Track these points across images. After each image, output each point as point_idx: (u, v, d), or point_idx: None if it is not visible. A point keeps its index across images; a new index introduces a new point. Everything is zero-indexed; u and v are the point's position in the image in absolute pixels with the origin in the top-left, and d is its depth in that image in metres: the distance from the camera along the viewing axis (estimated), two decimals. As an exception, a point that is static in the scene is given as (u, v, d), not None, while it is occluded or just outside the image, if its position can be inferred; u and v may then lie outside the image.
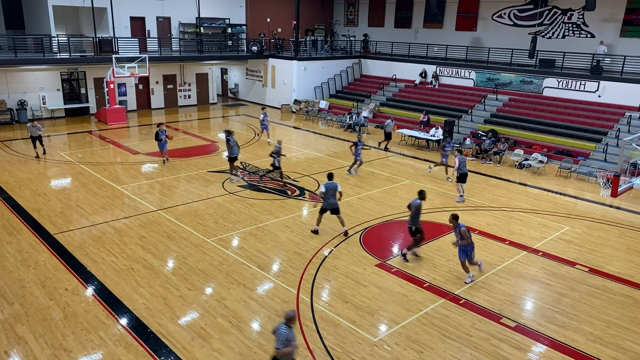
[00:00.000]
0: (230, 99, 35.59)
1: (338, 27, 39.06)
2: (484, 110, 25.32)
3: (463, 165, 15.51)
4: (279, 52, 32.04)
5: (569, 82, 23.71)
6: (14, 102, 25.00)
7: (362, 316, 9.48)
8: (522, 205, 15.68)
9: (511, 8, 28.86)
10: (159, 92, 30.30)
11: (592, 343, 8.92)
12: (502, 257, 12.10)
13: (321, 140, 23.92)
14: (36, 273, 10.68)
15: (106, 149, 21.11)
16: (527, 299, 10.36)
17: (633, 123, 20.83)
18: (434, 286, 10.62)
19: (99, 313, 9.31)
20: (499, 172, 19.19)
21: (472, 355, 8.46)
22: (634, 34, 24.53)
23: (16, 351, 8.22)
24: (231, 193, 15.90)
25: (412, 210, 11.49)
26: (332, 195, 12.68)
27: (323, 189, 12.66)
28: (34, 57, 24.53)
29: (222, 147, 21.68)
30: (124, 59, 25.19)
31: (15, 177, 16.79)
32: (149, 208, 14.48)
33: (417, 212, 11.49)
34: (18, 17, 28.06)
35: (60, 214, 13.86)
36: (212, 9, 31.90)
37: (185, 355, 8.24)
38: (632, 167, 18.49)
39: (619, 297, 10.48)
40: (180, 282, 10.50)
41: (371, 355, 8.37)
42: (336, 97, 31.58)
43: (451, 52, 29.39)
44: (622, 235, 13.75)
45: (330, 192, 12.64)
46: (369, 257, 11.89)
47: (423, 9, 33.04)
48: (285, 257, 11.78)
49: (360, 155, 18.07)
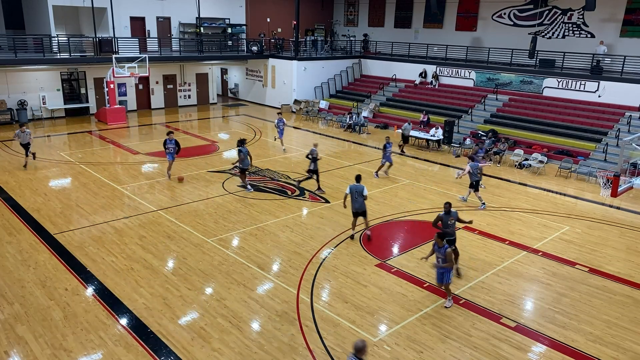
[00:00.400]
0: (230, 99, 35.59)
1: (338, 27, 39.06)
2: (484, 110, 25.32)
3: (475, 172, 15.00)
4: (279, 52, 32.04)
5: (569, 82, 23.71)
6: (14, 102, 24.99)
7: (362, 316, 9.48)
8: (522, 205, 15.67)
9: (511, 8, 28.86)
10: (159, 92, 30.30)
11: (592, 343, 8.92)
12: (502, 257, 12.10)
13: (321, 140, 23.91)
14: (36, 273, 10.68)
15: (106, 149, 21.11)
16: (527, 299, 10.36)
17: (633, 123, 20.82)
18: (434, 286, 10.62)
19: (99, 313, 9.31)
20: (499, 172, 19.19)
21: (472, 355, 8.46)
22: (634, 34, 24.52)
23: (16, 351, 8.22)
24: (231, 193, 15.90)
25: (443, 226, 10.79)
26: (356, 199, 12.34)
27: (347, 191, 12.46)
28: (34, 57, 24.53)
29: (222, 147, 21.70)
30: (124, 59, 25.19)
31: (15, 177, 16.79)
32: (149, 208, 14.48)
33: (446, 226, 10.82)
34: (18, 17, 28.07)
35: (60, 214, 13.86)
36: (212, 9, 31.90)
37: (185, 355, 8.24)
38: (632, 167, 18.48)
39: (619, 297, 10.48)
40: (180, 282, 10.50)
41: (371, 355, 8.37)
42: (336, 97, 31.58)
43: (451, 52, 29.39)
44: (622, 235, 13.75)
45: (353, 195, 12.35)
46: (369, 257, 11.89)
47: (423, 9, 33.04)
48: (285, 257, 11.78)
49: (390, 157, 17.81)
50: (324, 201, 15.47)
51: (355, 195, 12.38)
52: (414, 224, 14.08)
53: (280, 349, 8.47)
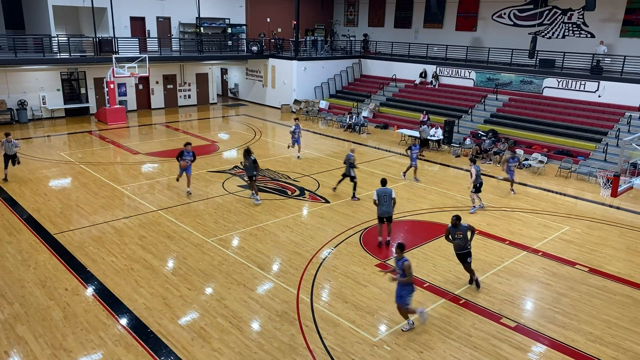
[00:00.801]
0: (230, 99, 35.59)
1: (338, 27, 39.06)
2: (484, 110, 25.31)
3: (479, 175, 14.73)
4: (279, 52, 32.04)
5: (569, 82, 23.71)
6: (14, 102, 24.99)
7: (362, 316, 9.48)
8: (522, 205, 15.67)
9: (511, 8, 28.86)
10: (159, 92, 30.29)
11: (592, 343, 8.92)
12: (502, 257, 12.10)
13: (321, 140, 23.93)
14: (36, 273, 10.68)
15: (106, 149, 21.11)
16: (527, 299, 10.36)
17: (633, 123, 20.82)
18: (434, 286, 10.62)
19: (99, 313, 9.31)
20: (499, 172, 19.18)
21: (472, 355, 8.46)
22: (634, 34, 24.52)
23: (16, 351, 8.22)
24: (231, 193, 15.90)
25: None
26: (385, 202, 12.01)
27: (375, 196, 12.12)
28: (34, 57, 24.53)
29: (222, 147, 21.71)
30: (124, 59, 25.19)
31: (15, 177, 16.78)
32: (149, 208, 14.48)
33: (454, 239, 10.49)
34: (18, 17, 28.07)
35: (60, 214, 13.86)
36: (212, 9, 31.90)
37: (185, 355, 8.24)
38: (632, 167, 18.48)
39: (619, 297, 10.48)
40: (180, 282, 10.49)
41: (371, 355, 8.37)
42: (336, 97, 31.58)
43: (451, 52, 29.38)
44: (622, 235, 13.75)
45: (382, 198, 11.99)
46: (369, 257, 11.89)
47: (423, 9, 33.04)
48: (285, 257, 11.78)
49: (416, 160, 17.49)
50: (324, 201, 15.47)
51: (383, 199, 12.01)
52: (414, 224, 14.08)
53: (280, 349, 8.47)
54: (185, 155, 15.11)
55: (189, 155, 15.15)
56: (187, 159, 15.12)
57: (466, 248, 10.28)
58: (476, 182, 14.70)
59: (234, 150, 21.33)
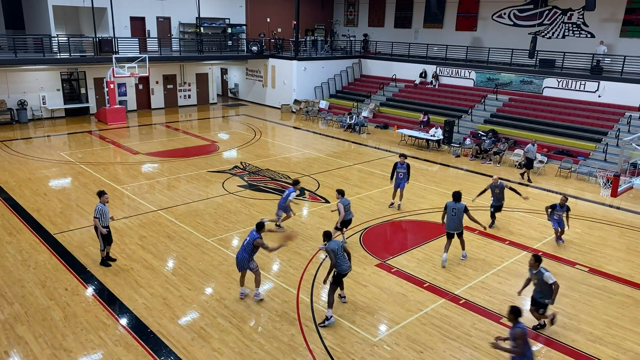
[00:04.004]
0: (230, 99, 35.59)
1: (338, 27, 39.06)
2: (484, 110, 25.31)
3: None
4: (279, 52, 32.04)
5: (569, 82, 23.71)
6: (14, 102, 24.98)
7: (362, 316, 9.48)
8: (522, 205, 15.67)
9: (511, 8, 28.86)
10: (159, 92, 30.29)
11: (592, 343, 8.92)
12: (502, 257, 12.10)
13: (321, 140, 23.93)
14: (36, 273, 10.68)
15: (106, 149, 21.11)
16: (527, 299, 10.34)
17: (633, 123, 20.82)
18: (434, 286, 10.62)
19: (99, 313, 9.31)
20: (499, 172, 19.15)
21: (472, 355, 8.46)
22: (634, 34, 24.52)
23: (16, 351, 8.22)
24: (231, 193, 15.90)
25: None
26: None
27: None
28: (34, 57, 24.52)
29: (222, 147, 21.70)
30: (124, 59, 25.18)
31: (15, 177, 16.79)
32: (149, 208, 14.47)
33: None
34: (18, 17, 28.05)
35: (60, 214, 13.86)
36: (212, 9, 31.89)
37: (185, 355, 8.24)
38: (632, 167, 18.49)
39: (619, 297, 10.48)
40: (180, 282, 10.49)
41: (371, 355, 8.37)
42: (336, 97, 31.57)
43: (451, 52, 29.39)
44: (622, 235, 13.75)
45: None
46: (369, 257, 11.89)
47: (423, 9, 33.04)
48: (285, 257, 11.77)
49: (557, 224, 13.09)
50: (324, 201, 15.47)
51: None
52: (414, 224, 14.08)
53: (280, 349, 8.47)
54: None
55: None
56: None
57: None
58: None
59: (234, 150, 21.33)
